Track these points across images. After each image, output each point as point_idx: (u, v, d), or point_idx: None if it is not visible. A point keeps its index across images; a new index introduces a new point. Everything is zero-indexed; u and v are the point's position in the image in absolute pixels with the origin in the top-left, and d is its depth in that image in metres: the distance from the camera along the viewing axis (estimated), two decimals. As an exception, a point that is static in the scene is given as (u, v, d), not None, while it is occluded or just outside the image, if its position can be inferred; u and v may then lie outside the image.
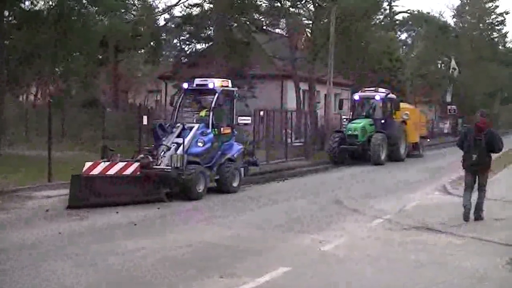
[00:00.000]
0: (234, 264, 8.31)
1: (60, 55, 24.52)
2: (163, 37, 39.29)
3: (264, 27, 33.31)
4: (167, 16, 37.34)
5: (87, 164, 13.47)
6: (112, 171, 13.43)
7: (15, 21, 24.22)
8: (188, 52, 33.82)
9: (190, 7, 31.49)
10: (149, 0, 38.45)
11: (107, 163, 13.54)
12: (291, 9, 33.92)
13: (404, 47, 62.34)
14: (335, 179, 20.03)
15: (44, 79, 36.87)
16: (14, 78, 25.76)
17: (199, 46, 33.66)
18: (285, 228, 11.07)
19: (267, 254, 8.98)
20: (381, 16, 48.25)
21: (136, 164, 13.61)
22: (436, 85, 56.46)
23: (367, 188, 17.29)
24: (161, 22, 39.14)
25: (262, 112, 25.52)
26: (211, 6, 29.82)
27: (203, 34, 32.15)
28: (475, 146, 11.27)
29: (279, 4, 32.83)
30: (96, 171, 13.37)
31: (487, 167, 11.57)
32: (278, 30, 36.23)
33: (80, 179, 13.14)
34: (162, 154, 14.40)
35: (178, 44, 35.96)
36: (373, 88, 28.47)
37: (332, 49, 29.32)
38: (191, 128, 15.18)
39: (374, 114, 26.91)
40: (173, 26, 35.24)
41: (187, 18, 31.61)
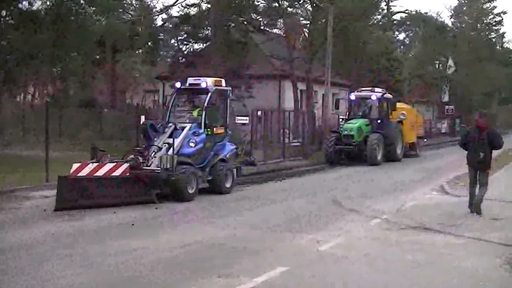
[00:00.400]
0: (231, 264, 8.29)
1: (58, 55, 24.48)
2: (161, 37, 39.31)
3: (262, 27, 33.34)
4: (164, 16, 37.29)
5: (75, 165, 13.13)
6: (100, 172, 13.11)
7: (12, 21, 24.23)
8: (185, 52, 33.78)
9: (188, 7, 31.52)
10: (146, 0, 38.43)
11: (96, 164, 13.22)
12: (288, 9, 33.95)
13: (402, 47, 62.38)
14: (332, 179, 20.02)
15: (42, 79, 36.97)
16: (12, 78, 25.76)
17: (196, 46, 33.71)
18: (282, 228, 11.06)
19: (264, 254, 8.96)
20: (379, 16, 48.26)
21: (125, 165, 13.31)
22: (434, 85, 56.51)
23: (364, 188, 17.28)
24: (158, 22, 39.17)
25: (259, 112, 25.53)
26: (209, 6, 29.80)
27: (201, 34, 32.15)
28: (480, 145, 12.09)
29: (276, 4, 32.84)
30: (84, 172, 13.03)
31: (489, 164, 12.34)
32: (275, 30, 36.24)
33: (68, 181, 12.85)
34: (153, 155, 14.12)
35: (176, 44, 35.90)
36: (369, 88, 28.34)
37: (330, 49, 29.29)
38: (183, 128, 14.93)
39: (370, 114, 26.76)
40: (170, 26, 35.20)
41: (185, 18, 31.59)
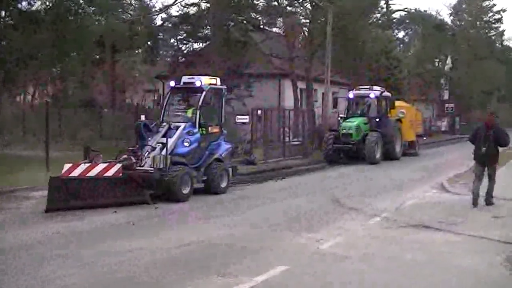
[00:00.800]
0: (231, 263, 8.29)
1: (57, 56, 24.48)
2: (160, 36, 39.23)
3: (261, 26, 33.31)
4: (164, 15, 37.23)
5: (67, 166, 12.92)
6: (93, 173, 12.88)
7: (12, 21, 24.19)
8: (185, 51, 33.71)
9: (187, 6, 31.44)
10: (145, 0, 38.43)
11: (88, 164, 13.03)
12: (288, 8, 33.91)
13: (401, 45, 62.32)
14: (332, 178, 20.03)
15: (41, 79, 36.96)
16: (11, 79, 25.74)
17: (196, 46, 33.63)
18: (282, 227, 11.06)
19: (264, 253, 8.96)
20: (378, 15, 48.11)
21: (118, 165, 13.08)
22: (433, 83, 56.46)
23: (363, 187, 17.29)
24: (158, 22, 39.11)
25: (259, 111, 25.53)
26: (208, 5, 29.79)
27: (200, 34, 32.12)
28: (485, 141, 12.89)
29: (276, 3, 32.81)
30: (76, 172, 12.82)
31: (495, 159, 13.12)
32: (275, 29, 36.24)
33: (59, 181, 12.65)
34: (147, 155, 13.96)
35: (175, 43, 35.81)
36: (367, 86, 28.22)
37: (329, 47, 29.29)
38: (178, 127, 14.72)
39: (369, 113, 26.70)
40: (170, 25, 35.15)
41: (184, 18, 31.55)
